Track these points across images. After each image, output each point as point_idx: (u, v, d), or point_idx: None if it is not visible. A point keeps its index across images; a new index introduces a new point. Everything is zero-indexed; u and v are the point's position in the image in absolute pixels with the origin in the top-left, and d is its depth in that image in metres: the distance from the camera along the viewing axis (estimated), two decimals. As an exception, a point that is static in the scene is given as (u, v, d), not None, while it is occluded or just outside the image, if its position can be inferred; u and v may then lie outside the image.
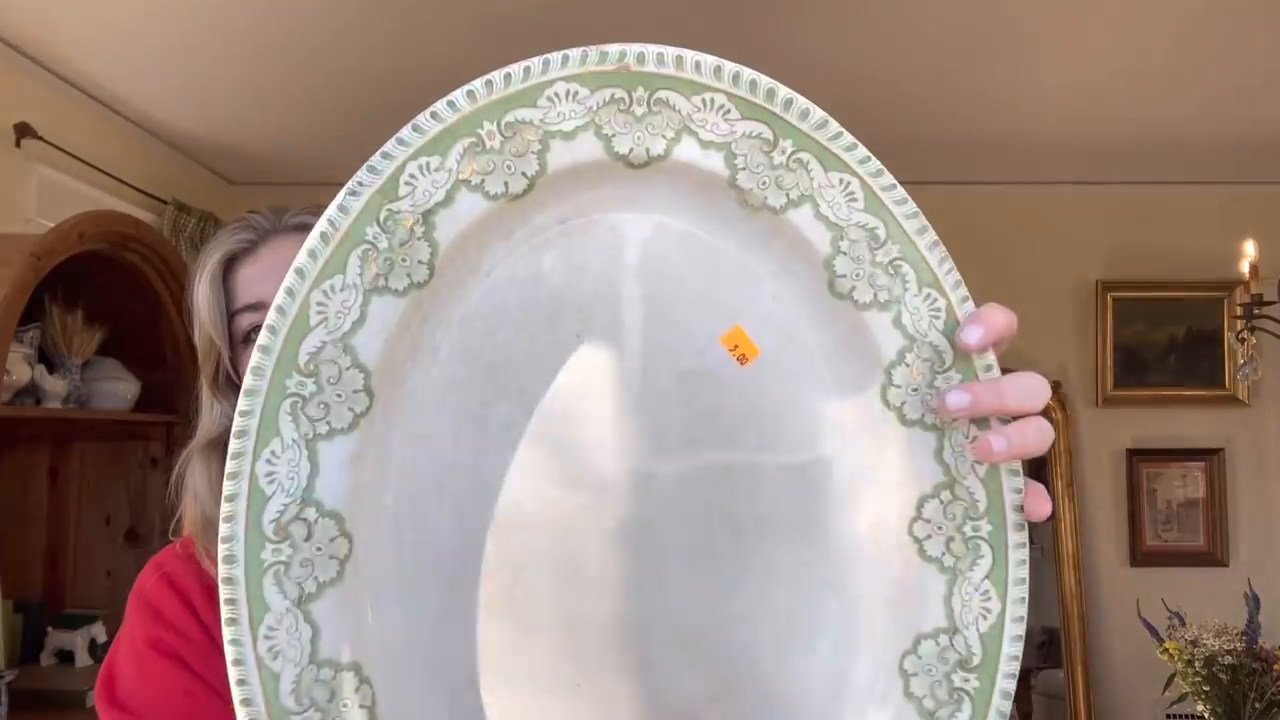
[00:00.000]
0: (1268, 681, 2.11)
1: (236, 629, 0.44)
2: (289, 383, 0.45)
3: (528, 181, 0.48)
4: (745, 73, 0.48)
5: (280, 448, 0.45)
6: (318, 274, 0.46)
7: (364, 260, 0.46)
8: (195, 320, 0.87)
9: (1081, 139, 2.97)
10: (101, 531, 2.36)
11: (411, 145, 0.47)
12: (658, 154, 0.48)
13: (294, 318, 0.45)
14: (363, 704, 0.46)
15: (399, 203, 0.47)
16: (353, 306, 0.46)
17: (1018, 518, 0.50)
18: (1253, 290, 2.53)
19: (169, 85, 2.57)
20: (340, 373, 0.46)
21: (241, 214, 0.90)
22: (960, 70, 2.48)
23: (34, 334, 2.06)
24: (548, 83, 0.47)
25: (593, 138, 0.48)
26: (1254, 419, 3.31)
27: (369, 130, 2.84)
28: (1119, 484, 3.33)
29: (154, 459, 2.37)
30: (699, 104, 0.48)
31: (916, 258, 0.49)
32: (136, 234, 2.14)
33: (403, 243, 0.47)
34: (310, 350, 0.46)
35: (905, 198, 0.49)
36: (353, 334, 0.46)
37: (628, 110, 0.48)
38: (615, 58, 0.47)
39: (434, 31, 2.25)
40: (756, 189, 0.49)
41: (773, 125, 0.48)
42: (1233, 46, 2.33)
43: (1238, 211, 3.26)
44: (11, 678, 1.97)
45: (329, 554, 0.46)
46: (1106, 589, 3.27)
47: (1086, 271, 3.31)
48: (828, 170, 0.49)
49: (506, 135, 0.47)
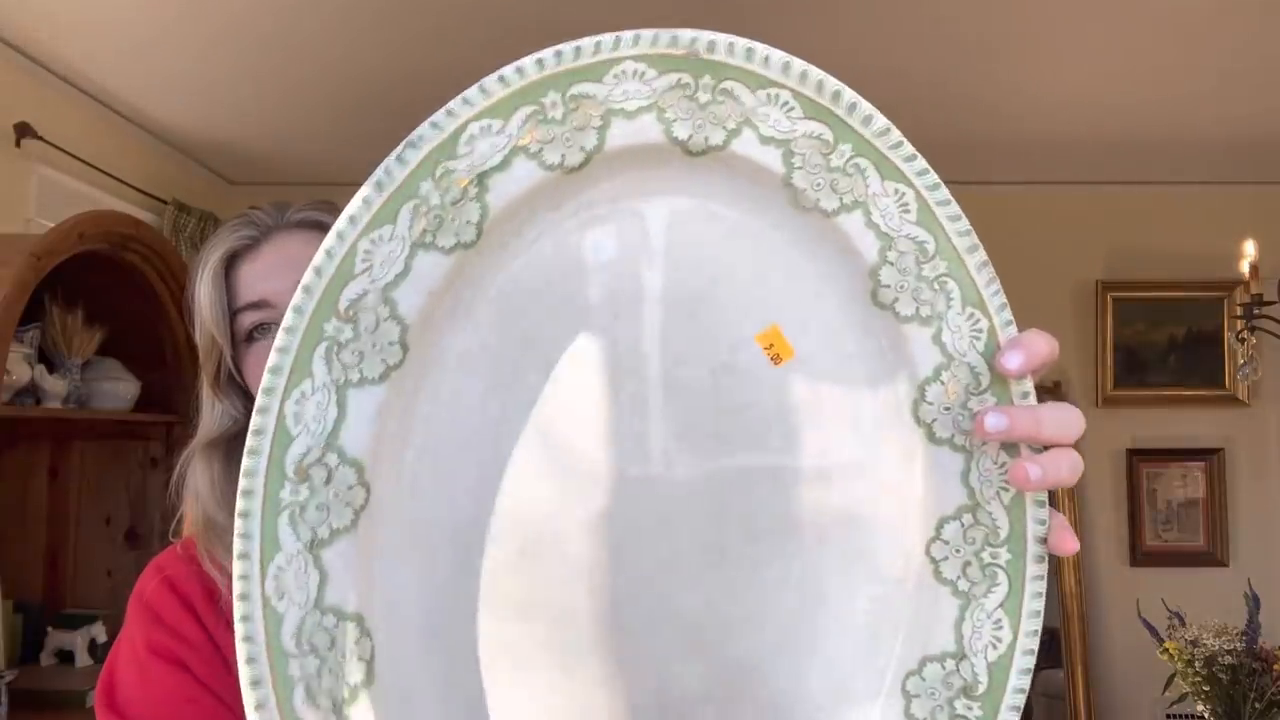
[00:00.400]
0: (1268, 681, 2.10)
1: (246, 564, 0.44)
2: (327, 326, 0.45)
3: (585, 156, 0.47)
4: (813, 71, 0.47)
5: (310, 389, 0.45)
6: (368, 223, 0.45)
7: (414, 214, 0.46)
8: (196, 318, 0.86)
9: (1081, 139, 2.97)
10: (101, 531, 2.35)
11: (475, 106, 0.47)
12: (716, 144, 0.48)
13: (340, 262, 0.45)
14: (361, 656, 0.46)
15: (456, 161, 0.46)
16: (398, 258, 0.46)
17: (1039, 550, 0.49)
18: (1253, 290, 2.53)
19: (169, 85, 2.57)
20: (378, 322, 0.46)
21: (243, 210, 0.88)
22: (960, 71, 2.48)
23: (34, 334, 2.06)
24: (616, 60, 0.47)
25: (654, 120, 0.47)
26: (1254, 419, 3.31)
27: (369, 130, 2.86)
28: (1119, 484, 3.33)
29: (154, 459, 2.37)
30: (763, 98, 0.48)
31: (963, 276, 0.49)
32: (136, 234, 2.14)
33: (454, 201, 0.46)
34: (352, 296, 0.45)
35: (959, 214, 0.48)
36: (395, 286, 0.46)
37: (692, 97, 0.47)
38: (685, 42, 0.47)
39: (434, 32, 2.25)
40: (810, 190, 0.48)
41: (834, 127, 0.48)
42: (1233, 46, 2.33)
43: (1238, 211, 3.26)
44: (11, 678, 1.97)
45: (345, 501, 0.45)
46: (1106, 589, 3.27)
47: (1086, 271, 3.31)
48: (884, 179, 0.48)
49: (570, 107, 0.47)
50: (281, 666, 0.44)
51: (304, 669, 0.44)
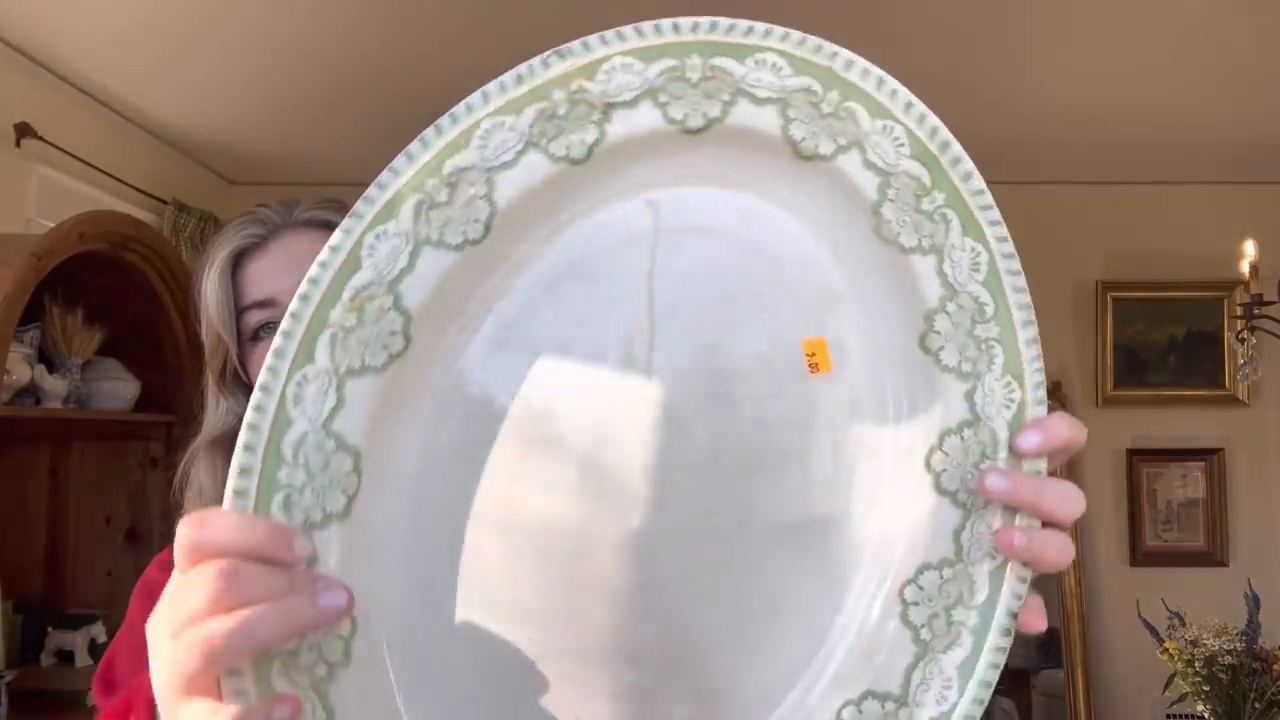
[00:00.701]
0: (1268, 681, 2.10)
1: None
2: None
3: (705, 121, 0.47)
4: (931, 118, 0.48)
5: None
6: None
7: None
8: (203, 315, 0.85)
9: (1081, 139, 2.97)
10: (101, 531, 2.35)
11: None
12: (824, 154, 0.48)
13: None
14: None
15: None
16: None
17: (1008, 622, 0.49)
18: (1253, 290, 2.53)
19: (169, 85, 2.57)
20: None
21: (251, 207, 0.88)
22: (960, 71, 2.48)
23: (34, 334, 2.06)
24: (760, 48, 0.47)
25: (776, 114, 0.48)
26: (1254, 419, 3.31)
27: (369, 130, 2.86)
28: (1119, 484, 3.32)
29: (154, 459, 2.37)
30: (879, 127, 0.48)
31: (1012, 345, 0.49)
32: (136, 234, 2.14)
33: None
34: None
35: (1024, 287, 0.49)
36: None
37: (816, 105, 0.48)
38: (827, 55, 0.48)
39: (435, 31, 2.25)
40: (895, 224, 0.49)
41: (934, 174, 0.48)
42: (1233, 47, 2.33)
43: (1238, 211, 3.26)
44: (11, 678, 1.97)
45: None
46: (1106, 589, 3.27)
47: (1086, 271, 3.31)
48: (965, 234, 0.49)
49: (706, 75, 0.47)
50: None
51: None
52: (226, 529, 0.42)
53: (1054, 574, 3.40)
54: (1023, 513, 0.49)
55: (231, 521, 0.42)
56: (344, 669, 0.44)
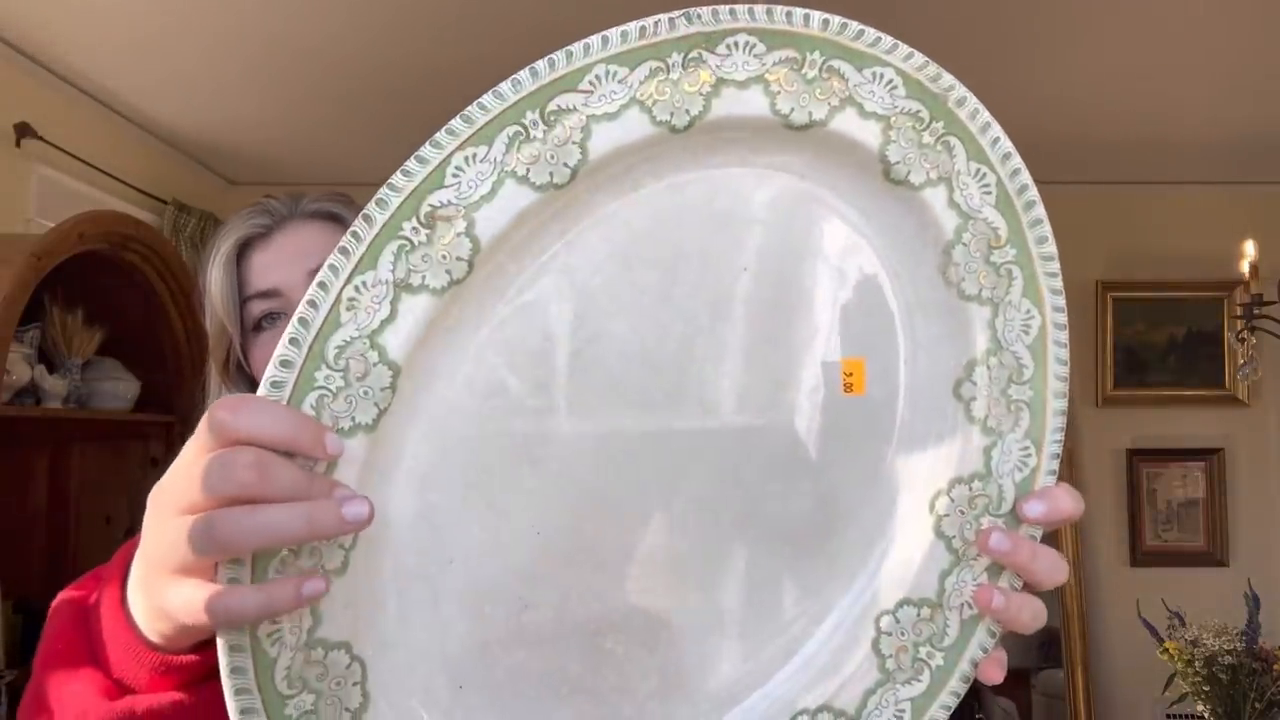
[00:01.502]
0: (1268, 681, 2.10)
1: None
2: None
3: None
4: (1024, 177, 0.49)
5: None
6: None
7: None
8: (207, 304, 0.84)
9: (1081, 139, 2.97)
10: (101, 531, 2.35)
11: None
12: (915, 182, 0.49)
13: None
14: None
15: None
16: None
17: (969, 670, 0.51)
18: (1253, 290, 2.53)
19: (170, 85, 2.57)
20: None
21: (258, 198, 0.87)
22: (959, 71, 2.47)
23: (34, 334, 2.06)
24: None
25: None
26: (1254, 419, 3.31)
27: (369, 130, 2.86)
28: (1119, 484, 3.32)
29: (154, 459, 2.37)
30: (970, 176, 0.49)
31: (1040, 411, 0.50)
32: (136, 234, 2.14)
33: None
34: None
35: (1065, 359, 0.50)
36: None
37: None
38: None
39: (435, 31, 2.25)
40: (962, 266, 0.50)
41: (1010, 225, 0.49)
42: (1233, 46, 2.33)
43: (1238, 211, 3.26)
44: (11, 678, 1.97)
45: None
46: (1106, 589, 3.27)
47: (1086, 271, 3.31)
48: (1025, 294, 0.50)
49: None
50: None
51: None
52: (263, 416, 0.41)
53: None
54: (1009, 572, 0.51)
55: (269, 409, 0.42)
56: (339, 577, 0.45)
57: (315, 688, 0.44)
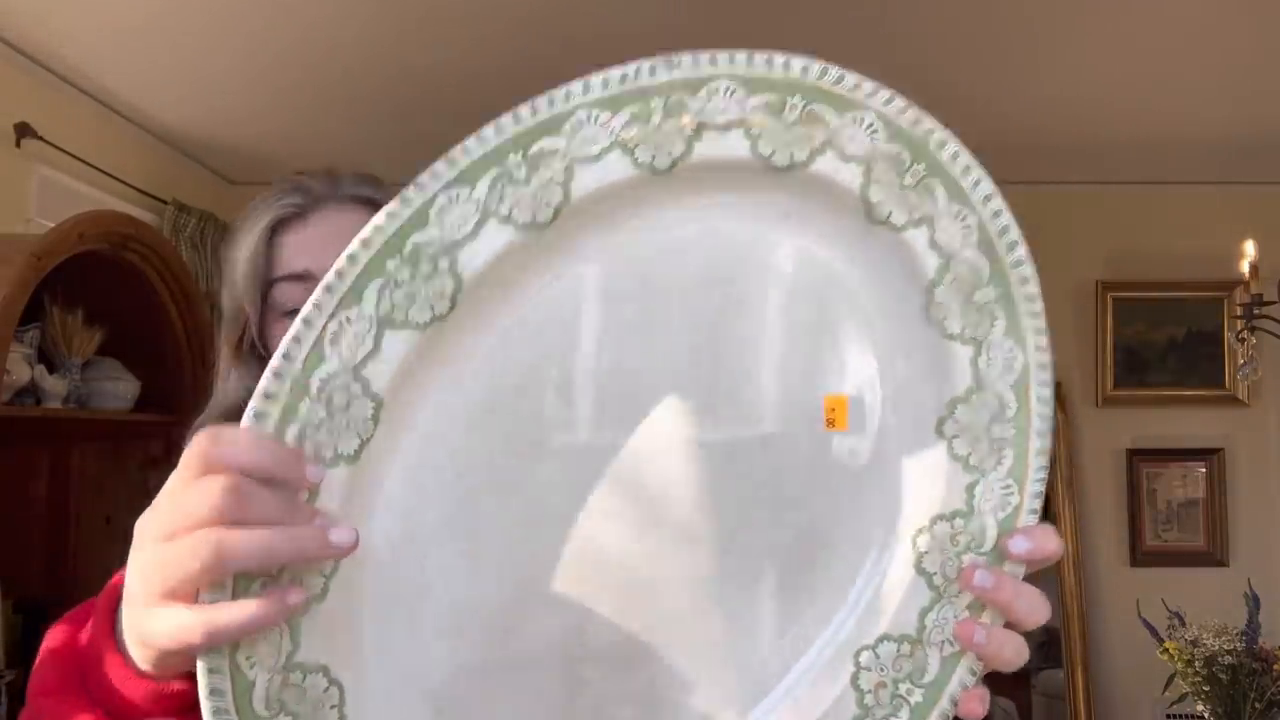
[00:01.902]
0: (1268, 681, 2.11)
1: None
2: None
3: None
4: (1006, 219, 0.49)
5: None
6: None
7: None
8: (227, 280, 0.80)
9: (1081, 139, 2.97)
10: (101, 531, 2.35)
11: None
12: (897, 222, 0.49)
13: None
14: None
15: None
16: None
17: (948, 707, 0.51)
18: (1253, 290, 2.53)
19: (169, 85, 2.57)
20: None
21: (291, 175, 0.83)
22: (959, 71, 2.48)
23: (34, 334, 2.06)
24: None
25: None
26: (1254, 419, 3.31)
27: (369, 130, 2.86)
28: (1119, 484, 3.32)
29: (154, 459, 2.37)
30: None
31: (1023, 449, 0.51)
32: (136, 234, 2.14)
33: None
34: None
35: (1049, 399, 0.51)
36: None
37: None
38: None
39: (435, 31, 2.25)
40: (945, 305, 0.50)
41: (992, 266, 0.50)
42: (1233, 46, 2.33)
43: (1238, 211, 3.25)
44: (11, 677, 1.97)
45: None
46: (1106, 589, 3.27)
47: (1086, 271, 3.31)
48: (1007, 334, 0.50)
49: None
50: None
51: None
52: (243, 445, 0.42)
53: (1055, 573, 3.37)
54: (991, 610, 0.51)
55: (248, 439, 0.43)
56: (318, 603, 0.45)
57: (293, 710, 0.45)
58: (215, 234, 3.05)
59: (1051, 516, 3.31)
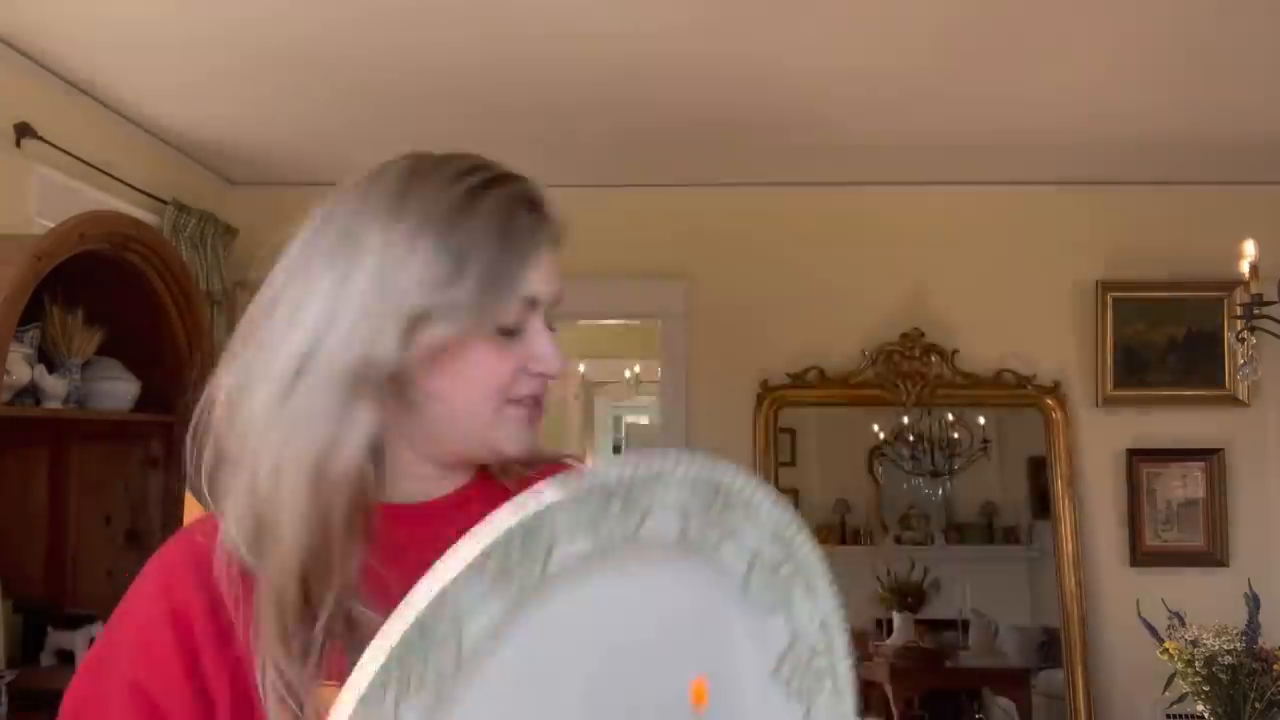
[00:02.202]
0: (1268, 681, 2.10)
1: None
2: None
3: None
4: (788, 520, 0.61)
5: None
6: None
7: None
8: (471, 272, 0.72)
9: (1081, 139, 2.97)
10: (101, 531, 2.35)
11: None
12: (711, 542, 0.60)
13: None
14: None
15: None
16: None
17: None
18: (1253, 290, 2.53)
19: (169, 85, 2.57)
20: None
21: (534, 189, 0.77)
22: (960, 70, 2.48)
23: (34, 334, 2.06)
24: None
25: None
26: (1254, 419, 3.31)
27: (369, 130, 2.85)
28: (1119, 484, 3.32)
29: (154, 459, 2.37)
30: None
31: (844, 669, 0.64)
32: (137, 234, 2.14)
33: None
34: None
35: (844, 629, 0.63)
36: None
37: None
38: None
39: (435, 32, 2.25)
40: (758, 586, 0.62)
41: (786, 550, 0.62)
42: (1232, 46, 2.33)
43: (1238, 211, 3.25)
44: (11, 678, 1.97)
45: None
46: (1106, 589, 3.27)
47: (1086, 271, 3.31)
48: (805, 595, 0.62)
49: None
50: None
51: None
52: None
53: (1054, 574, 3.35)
54: None
55: None
56: None
57: None
58: (215, 234, 3.05)
59: (1052, 517, 3.31)
